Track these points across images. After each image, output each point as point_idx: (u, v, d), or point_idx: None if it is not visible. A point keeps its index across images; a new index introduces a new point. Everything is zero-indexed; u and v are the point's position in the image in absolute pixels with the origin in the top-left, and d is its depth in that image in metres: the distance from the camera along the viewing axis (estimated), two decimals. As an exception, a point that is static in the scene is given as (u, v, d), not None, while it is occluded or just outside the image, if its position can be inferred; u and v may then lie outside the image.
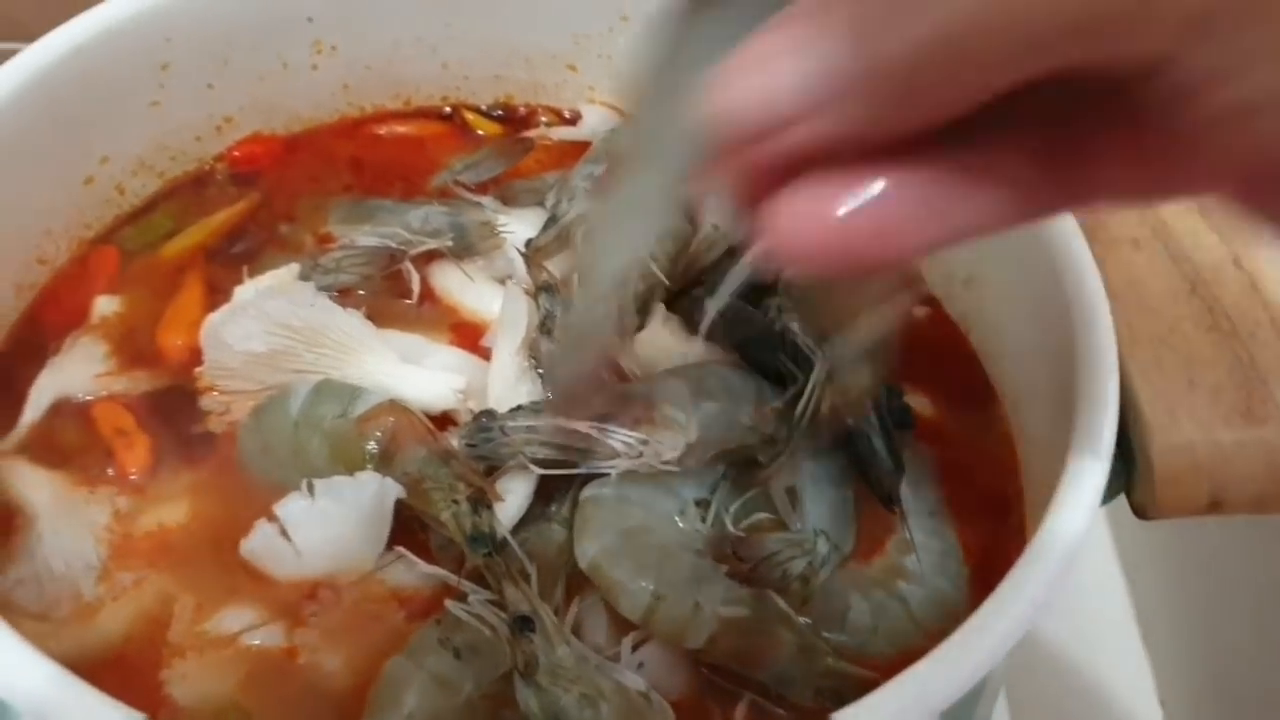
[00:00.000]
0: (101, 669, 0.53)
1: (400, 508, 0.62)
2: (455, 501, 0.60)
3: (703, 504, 0.65)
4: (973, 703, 0.62)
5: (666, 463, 0.62)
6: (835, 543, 0.63)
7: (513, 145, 0.83)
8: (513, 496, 0.63)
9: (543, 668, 0.54)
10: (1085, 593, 1.12)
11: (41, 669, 0.48)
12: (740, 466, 0.66)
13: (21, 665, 0.48)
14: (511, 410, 0.64)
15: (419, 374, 0.68)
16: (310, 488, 0.61)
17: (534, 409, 0.64)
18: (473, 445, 0.62)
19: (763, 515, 0.65)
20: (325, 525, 0.61)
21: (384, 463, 0.63)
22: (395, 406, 0.65)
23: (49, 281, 0.74)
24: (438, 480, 0.61)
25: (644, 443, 0.62)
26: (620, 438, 0.62)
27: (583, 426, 0.62)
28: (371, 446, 0.63)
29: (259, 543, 0.61)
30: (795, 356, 0.68)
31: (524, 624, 0.55)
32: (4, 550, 0.62)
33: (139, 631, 0.59)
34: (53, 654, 0.48)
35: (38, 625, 0.58)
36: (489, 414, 0.63)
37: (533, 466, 0.62)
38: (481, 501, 0.60)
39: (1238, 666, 0.99)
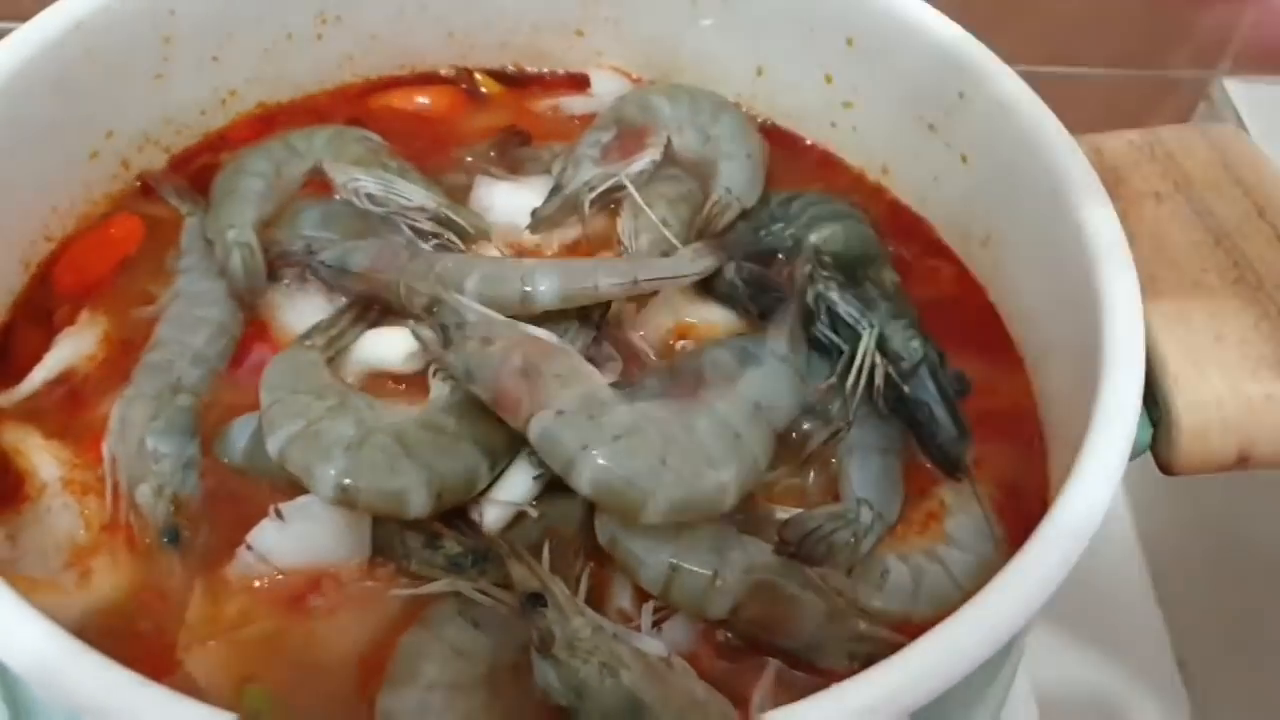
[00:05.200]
0: (116, 644, 0.52)
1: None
2: (408, 551, 0.60)
3: None
4: (999, 664, 0.61)
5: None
6: (879, 511, 0.62)
7: (509, 139, 0.82)
8: (519, 475, 0.62)
9: (559, 641, 0.53)
10: (1100, 554, 1.11)
11: (51, 635, 0.48)
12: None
13: (31, 632, 0.48)
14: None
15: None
16: (279, 513, 0.60)
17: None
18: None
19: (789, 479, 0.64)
20: (303, 544, 0.60)
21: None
22: None
23: (66, 248, 0.74)
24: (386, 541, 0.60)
25: None
26: None
27: None
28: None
29: (242, 569, 0.60)
30: (835, 325, 0.67)
31: (534, 600, 0.54)
32: (15, 519, 0.62)
33: (150, 607, 0.59)
34: (66, 625, 0.49)
35: (48, 594, 0.58)
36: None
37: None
38: (436, 536, 0.59)
39: (1256, 624, 0.99)
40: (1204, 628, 1.06)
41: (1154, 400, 0.61)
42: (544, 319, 0.65)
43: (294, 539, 0.60)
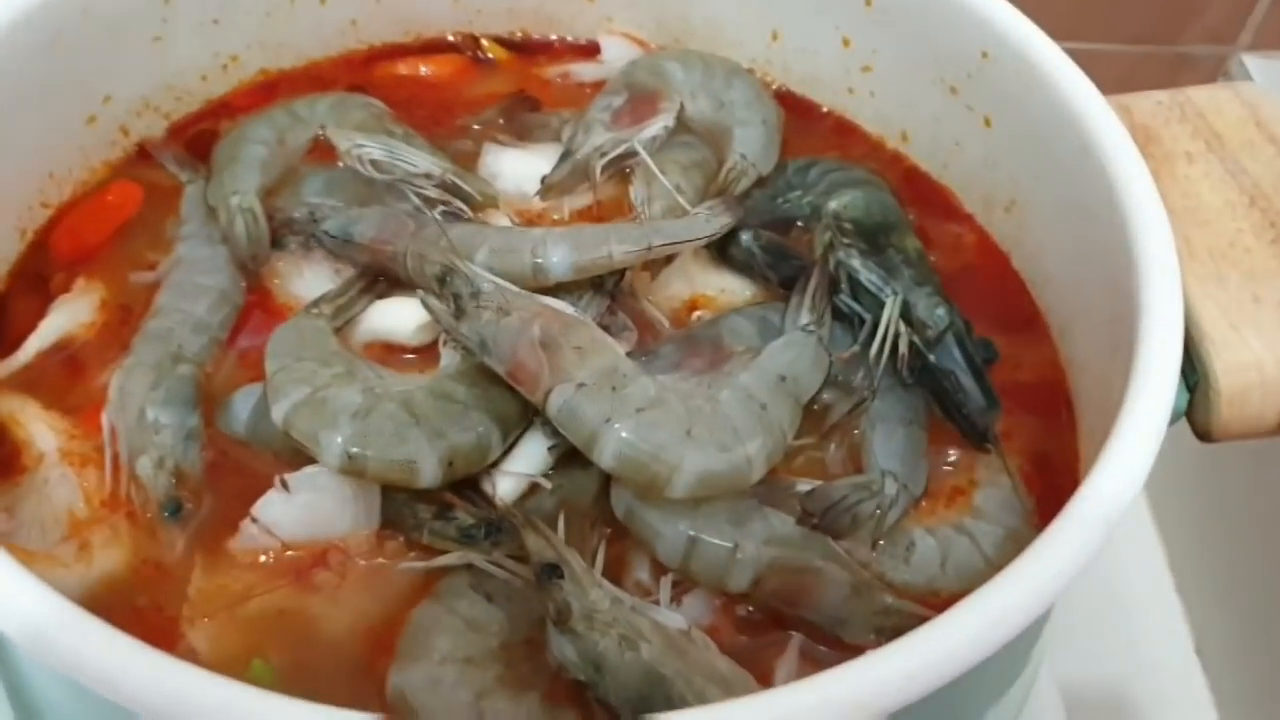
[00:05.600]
0: (115, 619, 0.50)
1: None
2: (419, 522, 0.58)
3: None
4: (1034, 635, 0.59)
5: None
6: (904, 483, 0.60)
7: (518, 105, 0.80)
8: (533, 445, 0.60)
9: (577, 614, 0.52)
10: (1116, 541, 1.10)
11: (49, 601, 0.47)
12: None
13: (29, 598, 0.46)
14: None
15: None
16: (285, 484, 0.58)
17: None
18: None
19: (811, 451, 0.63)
20: (309, 516, 0.58)
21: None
22: None
23: (63, 215, 0.72)
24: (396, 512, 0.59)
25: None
26: None
27: None
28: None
29: (247, 543, 0.58)
30: (857, 293, 0.65)
31: (550, 572, 0.53)
32: (12, 490, 0.60)
33: (151, 581, 0.58)
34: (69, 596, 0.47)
35: (46, 567, 0.57)
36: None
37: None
38: (448, 507, 0.58)
39: (1274, 611, 0.98)
40: (1223, 618, 1.05)
41: (1190, 364, 0.59)
42: (556, 288, 0.63)
43: (300, 510, 0.58)
